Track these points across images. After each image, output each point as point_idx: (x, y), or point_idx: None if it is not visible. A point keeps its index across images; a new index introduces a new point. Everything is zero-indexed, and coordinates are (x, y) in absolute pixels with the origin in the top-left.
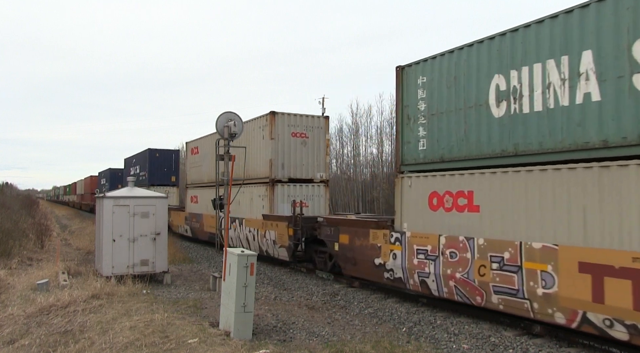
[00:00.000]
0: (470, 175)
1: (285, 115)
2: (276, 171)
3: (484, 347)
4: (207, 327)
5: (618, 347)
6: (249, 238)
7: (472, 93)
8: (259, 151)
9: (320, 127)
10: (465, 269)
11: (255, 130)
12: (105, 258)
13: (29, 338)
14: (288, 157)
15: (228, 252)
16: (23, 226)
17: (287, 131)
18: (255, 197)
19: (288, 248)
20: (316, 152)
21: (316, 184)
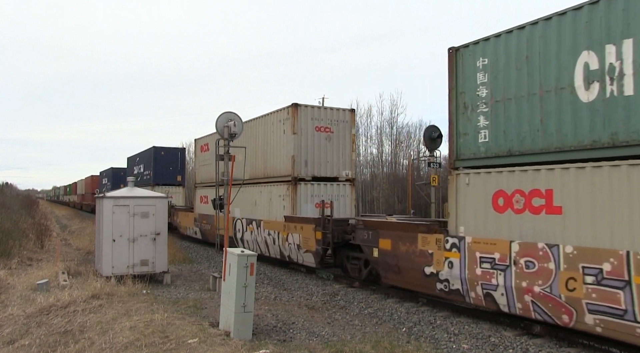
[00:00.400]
0: (548, 171)
1: (309, 108)
2: (299, 169)
3: (484, 347)
4: (207, 327)
5: (618, 347)
6: (268, 242)
7: (550, 74)
8: (279, 147)
9: (346, 121)
10: (547, 282)
11: (274, 124)
12: (105, 259)
13: (29, 339)
14: (311, 153)
15: (228, 252)
16: (23, 226)
17: (310, 125)
18: (275, 197)
19: (315, 254)
20: (341, 148)
21: (341, 183)
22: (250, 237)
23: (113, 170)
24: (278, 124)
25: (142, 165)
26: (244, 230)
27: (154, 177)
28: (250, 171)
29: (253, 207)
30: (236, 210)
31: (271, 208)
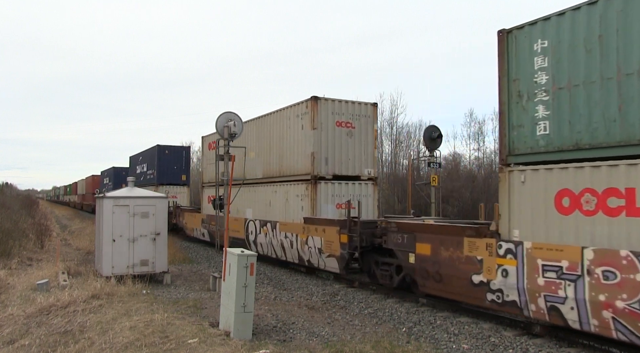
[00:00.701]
0: (629, 166)
1: (329, 102)
2: (319, 167)
3: (484, 347)
4: (207, 327)
5: (618, 347)
6: (284, 245)
7: (632, 56)
8: (297, 143)
9: (368, 116)
10: (634, 297)
11: (291, 119)
12: (105, 259)
13: (29, 339)
14: (332, 150)
15: (228, 252)
16: (23, 226)
17: (330, 120)
18: (292, 197)
19: (340, 259)
20: (363, 145)
21: (363, 182)
22: (265, 240)
23: (115, 170)
24: (295, 119)
25: (145, 164)
26: (257, 232)
27: (158, 177)
28: (263, 170)
29: (267, 208)
30: (248, 211)
31: (288, 209)
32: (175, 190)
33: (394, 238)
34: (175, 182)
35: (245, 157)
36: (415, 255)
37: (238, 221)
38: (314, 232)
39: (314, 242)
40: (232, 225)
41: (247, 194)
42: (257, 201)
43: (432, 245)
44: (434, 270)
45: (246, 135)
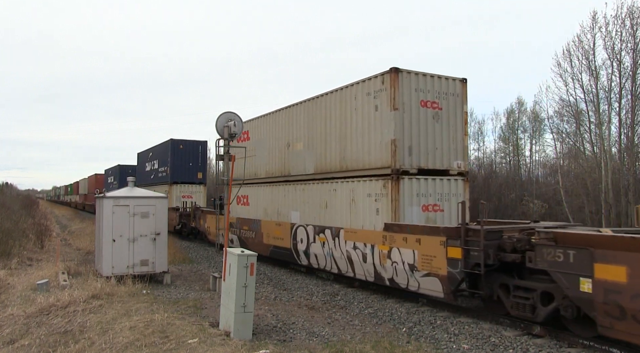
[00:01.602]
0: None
1: (412, 75)
2: (401, 158)
3: (484, 347)
4: (207, 327)
5: (618, 347)
6: (353, 257)
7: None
8: (369, 129)
9: (457, 94)
10: None
11: (359, 98)
12: (105, 259)
13: (29, 339)
14: (417, 136)
15: (228, 252)
16: (23, 226)
17: (414, 99)
18: (361, 197)
19: (447, 279)
20: (452, 131)
21: (452, 178)
22: (322, 251)
23: (121, 168)
24: (366, 99)
25: (156, 161)
26: (309, 240)
27: (172, 175)
28: (316, 164)
29: (322, 211)
30: (293, 215)
31: (355, 212)
32: (191, 189)
33: (549, 255)
34: (190, 181)
35: (289, 150)
36: (593, 281)
37: (281, 227)
38: (402, 243)
39: (402, 255)
40: (273, 232)
41: (292, 194)
42: (306, 202)
43: (629, 268)
44: (633, 306)
45: (291, 122)
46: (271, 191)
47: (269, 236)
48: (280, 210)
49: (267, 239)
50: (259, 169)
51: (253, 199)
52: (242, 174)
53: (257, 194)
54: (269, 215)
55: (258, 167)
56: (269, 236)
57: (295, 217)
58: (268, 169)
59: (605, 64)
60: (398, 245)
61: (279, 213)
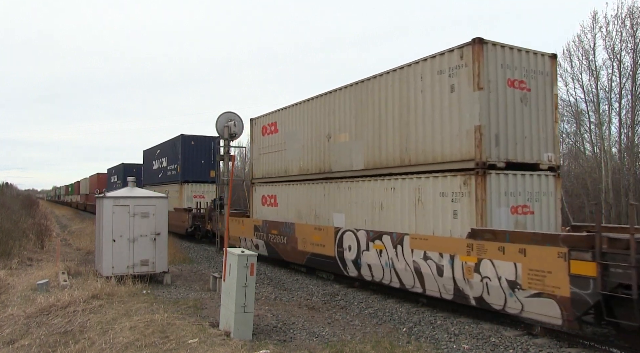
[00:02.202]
0: None
1: (498, 48)
2: (487, 149)
3: (484, 347)
4: (207, 327)
5: (618, 347)
6: (422, 270)
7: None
8: (440, 113)
9: (546, 73)
10: None
11: (428, 77)
12: (105, 259)
13: (29, 339)
14: (504, 123)
15: (228, 252)
16: (23, 226)
17: (501, 77)
18: (433, 196)
19: (571, 302)
20: (541, 116)
21: (543, 173)
22: (379, 261)
23: (124, 167)
24: (437, 78)
25: (165, 158)
26: (360, 248)
27: (183, 173)
28: (367, 157)
29: (376, 213)
30: (337, 217)
31: (423, 215)
32: (203, 188)
33: None
34: (202, 180)
35: (330, 142)
36: None
37: (322, 231)
38: (497, 254)
39: (498, 269)
40: (310, 237)
41: (334, 193)
42: (354, 203)
43: None
44: None
45: (332, 110)
46: (307, 190)
47: (305, 242)
48: (319, 212)
49: (302, 245)
50: (290, 165)
51: (283, 199)
52: (268, 170)
53: (288, 194)
54: (304, 217)
55: (289, 162)
56: (305, 242)
57: (339, 220)
58: (302, 164)
59: (606, 64)
60: (491, 256)
61: (317, 215)
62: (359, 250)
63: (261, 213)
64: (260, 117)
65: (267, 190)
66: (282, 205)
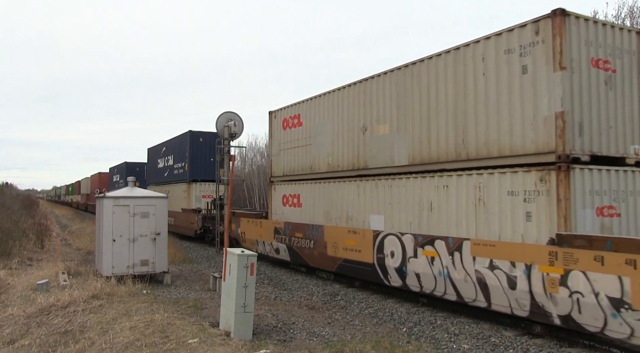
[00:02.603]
0: None
1: (582, 22)
2: (571, 139)
3: (484, 347)
4: (207, 327)
5: (618, 347)
6: (489, 281)
7: None
8: (508, 99)
9: (632, 52)
10: None
11: (489, 59)
12: (105, 259)
13: (29, 339)
14: (587, 109)
15: (228, 252)
16: (23, 226)
17: (584, 56)
18: (499, 195)
19: None
20: (627, 102)
21: (629, 169)
22: (430, 269)
23: (127, 165)
24: (504, 58)
25: (171, 156)
26: (405, 254)
27: (191, 171)
28: (412, 151)
29: (424, 215)
30: (374, 219)
31: (485, 217)
32: (212, 188)
33: None
34: (211, 179)
35: (366, 135)
36: None
37: (358, 235)
38: (593, 265)
39: (594, 284)
40: (343, 241)
41: (371, 192)
42: (396, 203)
43: None
44: None
45: (369, 99)
46: (337, 189)
47: (336, 247)
48: (352, 213)
49: (333, 250)
50: (316, 161)
51: (308, 199)
52: (290, 167)
53: (315, 193)
54: (334, 219)
55: (315, 158)
56: (336, 247)
57: (377, 223)
58: (332, 160)
59: None
60: (584, 267)
61: (350, 217)
62: (405, 256)
63: (282, 214)
64: (281, 109)
65: (289, 189)
66: (306, 206)
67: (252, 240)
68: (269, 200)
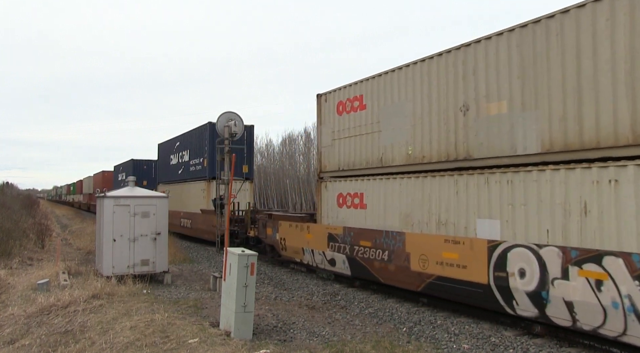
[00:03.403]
0: None
1: None
2: None
3: (484, 347)
4: (207, 327)
5: (618, 347)
6: None
7: None
8: None
9: None
10: None
11: None
12: (106, 258)
13: (30, 338)
14: None
15: (228, 251)
16: (23, 226)
17: None
18: None
19: None
20: None
21: None
22: (595, 298)
23: (134, 163)
24: None
25: (186, 151)
26: (548, 274)
27: (211, 168)
28: (547, 135)
29: (573, 220)
30: (483, 225)
31: None
32: (235, 186)
33: None
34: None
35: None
36: None
37: (462, 246)
38: None
39: None
40: (437, 252)
41: (478, 190)
42: (522, 204)
43: None
44: None
45: (471, 70)
46: (422, 186)
47: (425, 260)
48: (447, 216)
49: (420, 265)
50: (388, 152)
51: (375, 199)
52: (349, 160)
53: (386, 191)
54: (417, 224)
55: (387, 148)
56: (425, 260)
57: (488, 230)
58: (413, 150)
59: None
60: None
61: (443, 222)
62: (545, 277)
63: (337, 217)
64: (334, 91)
65: (347, 187)
66: (374, 207)
67: (296, 249)
68: (318, 200)
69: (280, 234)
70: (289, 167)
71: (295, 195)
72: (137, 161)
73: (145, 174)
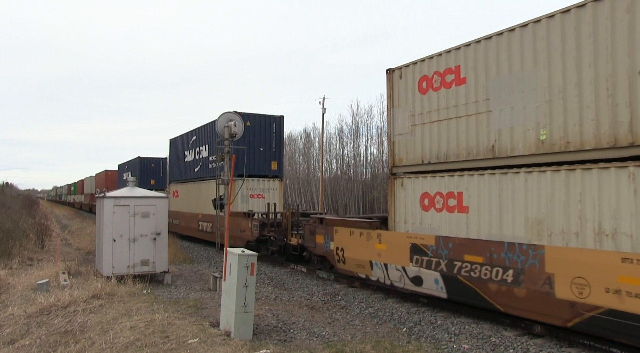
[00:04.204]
0: None
1: None
2: None
3: (484, 347)
4: (207, 327)
5: (618, 347)
6: None
7: None
8: None
9: None
10: None
11: None
12: (106, 259)
13: (30, 339)
14: None
15: (228, 252)
16: (23, 226)
17: None
18: None
19: None
20: None
21: None
22: None
23: (141, 161)
24: None
25: (204, 146)
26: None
27: (235, 164)
28: None
29: None
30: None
31: None
32: (262, 185)
33: None
34: (262, 173)
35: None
36: None
37: (632, 269)
38: None
39: None
40: (613, 277)
41: None
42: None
43: None
44: None
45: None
46: (563, 182)
47: (584, 286)
48: (616, 225)
49: (574, 292)
50: (505, 138)
51: (482, 199)
52: (438, 150)
53: (502, 189)
54: (555, 234)
55: (502, 133)
56: (584, 286)
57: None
58: (551, 134)
59: None
60: None
61: (609, 232)
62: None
63: (421, 224)
64: (413, 63)
65: (436, 185)
66: (480, 211)
67: (360, 262)
68: (392, 201)
69: (337, 243)
70: (289, 168)
71: (295, 195)
72: (144, 159)
73: (153, 172)
